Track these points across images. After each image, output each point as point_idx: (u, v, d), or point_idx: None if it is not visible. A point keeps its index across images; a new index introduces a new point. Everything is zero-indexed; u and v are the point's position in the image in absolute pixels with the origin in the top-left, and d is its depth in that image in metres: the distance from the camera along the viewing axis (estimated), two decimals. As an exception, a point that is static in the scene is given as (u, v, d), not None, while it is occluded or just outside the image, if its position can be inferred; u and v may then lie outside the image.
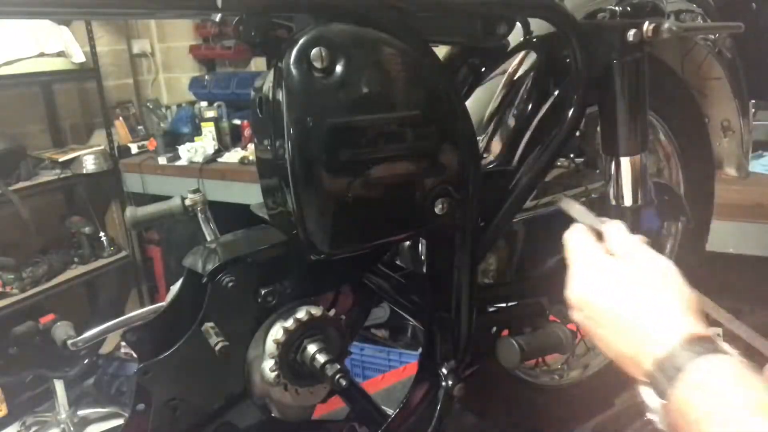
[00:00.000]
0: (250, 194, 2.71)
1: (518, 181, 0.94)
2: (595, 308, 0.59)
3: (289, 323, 0.80)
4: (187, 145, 3.23)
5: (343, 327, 0.85)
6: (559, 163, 1.14)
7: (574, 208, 0.71)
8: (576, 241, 0.65)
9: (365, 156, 0.74)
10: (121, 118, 3.54)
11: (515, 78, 0.96)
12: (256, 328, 0.81)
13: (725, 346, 0.49)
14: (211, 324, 0.76)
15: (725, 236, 1.34)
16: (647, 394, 0.52)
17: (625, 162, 1.00)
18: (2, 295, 2.86)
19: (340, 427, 0.97)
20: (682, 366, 0.48)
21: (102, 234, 3.37)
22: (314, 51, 0.68)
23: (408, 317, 1.06)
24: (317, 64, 0.68)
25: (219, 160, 3.20)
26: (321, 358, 0.79)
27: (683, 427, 0.47)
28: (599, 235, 0.65)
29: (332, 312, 0.89)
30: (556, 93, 0.96)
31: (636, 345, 0.53)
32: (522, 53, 0.97)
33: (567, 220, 0.72)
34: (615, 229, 0.63)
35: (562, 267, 0.69)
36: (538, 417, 1.15)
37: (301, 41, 0.68)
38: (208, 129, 3.29)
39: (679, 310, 0.53)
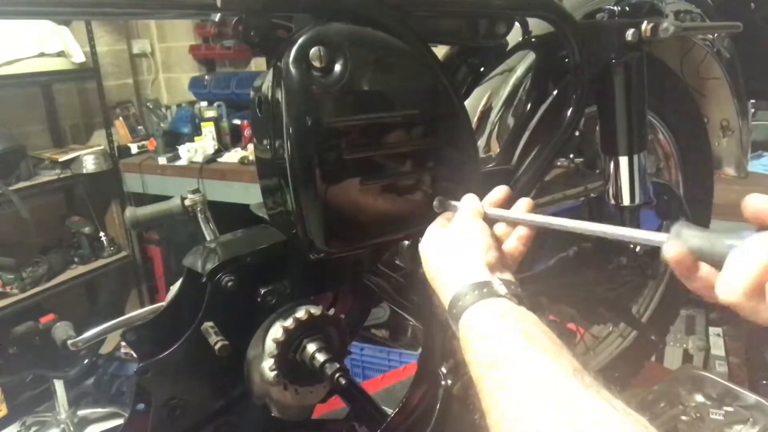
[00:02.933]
0: (250, 194, 2.71)
1: (517, 180, 0.94)
2: (426, 262, 0.71)
3: (289, 323, 0.80)
4: (187, 145, 3.23)
5: (343, 326, 0.85)
6: (558, 163, 1.14)
7: (449, 204, 0.78)
8: (432, 223, 0.76)
9: (364, 155, 0.74)
10: (121, 118, 3.54)
11: (514, 78, 0.96)
12: (255, 328, 0.82)
13: (501, 289, 0.60)
14: (210, 323, 0.76)
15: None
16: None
17: (624, 161, 1.00)
18: (2, 295, 2.86)
19: (340, 426, 0.97)
20: (463, 307, 0.60)
21: (102, 234, 3.36)
22: (313, 50, 0.68)
23: (408, 317, 1.06)
24: (316, 64, 0.69)
25: (219, 160, 3.19)
26: (320, 358, 0.79)
27: (465, 350, 0.58)
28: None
29: (332, 312, 0.89)
30: (555, 93, 0.96)
31: (443, 290, 0.65)
32: (521, 53, 0.97)
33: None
34: (461, 203, 0.74)
35: (560, 267, 0.69)
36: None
37: (300, 41, 0.68)
38: (208, 129, 3.29)
39: (471, 262, 0.64)
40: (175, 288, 0.81)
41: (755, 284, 0.43)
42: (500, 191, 0.73)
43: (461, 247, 0.67)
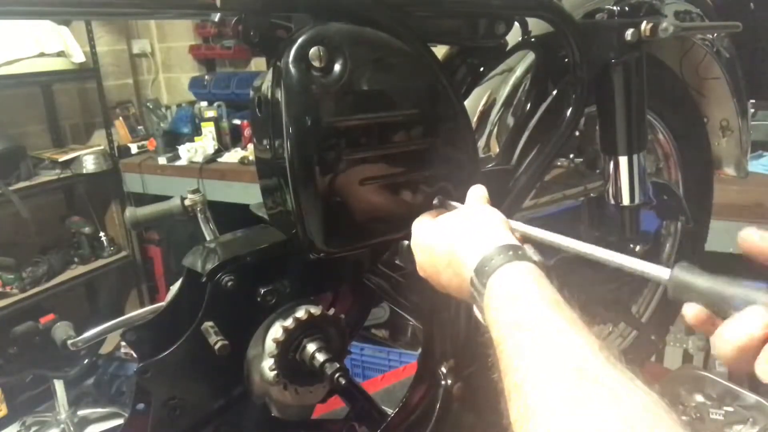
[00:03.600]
0: (249, 194, 2.71)
1: (517, 180, 0.94)
2: (430, 246, 0.69)
3: (289, 322, 0.80)
4: (187, 145, 3.23)
5: (343, 326, 0.85)
6: (558, 163, 1.14)
7: (449, 204, 0.78)
8: (418, 219, 0.75)
9: (364, 155, 0.74)
10: (121, 118, 3.54)
11: (514, 78, 0.96)
12: (255, 328, 0.82)
13: (532, 254, 0.58)
14: (210, 323, 0.76)
15: (725, 236, 1.35)
16: (476, 311, 0.60)
17: (624, 161, 1.00)
18: (2, 295, 2.86)
19: (339, 426, 0.97)
20: (495, 265, 0.57)
21: (102, 234, 3.36)
22: (313, 50, 0.68)
23: (408, 317, 1.06)
24: (316, 64, 0.69)
25: (219, 160, 3.19)
26: (320, 357, 0.79)
27: (488, 309, 0.55)
28: None
29: (332, 311, 0.89)
30: (555, 93, 0.96)
31: (462, 260, 0.62)
32: (520, 53, 0.97)
33: (566, 220, 0.72)
34: (471, 191, 0.73)
35: (560, 267, 0.69)
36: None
37: (299, 41, 0.68)
38: (208, 129, 3.29)
39: (497, 229, 0.63)
40: (175, 288, 0.81)
41: (742, 351, 0.45)
42: (479, 189, 0.73)
43: (482, 221, 0.65)
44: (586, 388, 0.43)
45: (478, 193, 0.72)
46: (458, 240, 0.65)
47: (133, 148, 3.49)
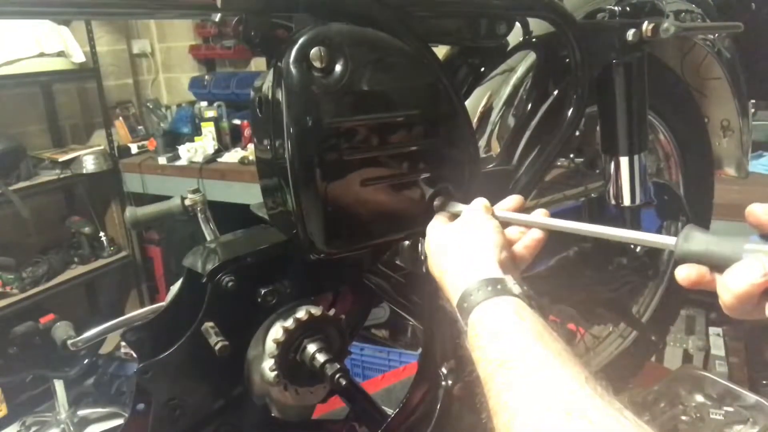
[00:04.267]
0: (250, 194, 2.71)
1: (518, 180, 0.94)
2: (433, 258, 0.71)
3: (289, 323, 0.80)
4: (187, 145, 3.23)
5: (343, 327, 0.85)
6: (558, 163, 1.14)
7: (454, 206, 0.79)
8: (434, 220, 0.77)
9: (365, 155, 0.74)
10: (121, 118, 3.54)
11: (515, 78, 0.96)
12: (255, 328, 0.81)
13: (515, 288, 0.59)
14: (210, 324, 0.76)
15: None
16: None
17: (625, 161, 1.00)
18: (2, 295, 2.86)
19: (340, 427, 0.97)
20: (474, 302, 0.58)
21: (102, 234, 3.36)
22: (313, 51, 0.68)
23: (408, 317, 1.06)
24: (317, 64, 0.69)
25: (219, 160, 3.19)
26: (321, 358, 0.79)
27: (474, 347, 0.57)
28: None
29: (332, 312, 0.89)
30: (556, 93, 0.96)
31: (452, 284, 0.64)
32: (521, 53, 0.97)
33: (566, 220, 0.72)
34: (473, 204, 0.73)
35: (560, 267, 0.69)
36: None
37: (300, 41, 0.68)
38: (208, 129, 3.29)
39: (484, 258, 0.63)
40: (175, 288, 0.81)
41: (743, 299, 0.46)
42: (513, 199, 0.73)
43: (474, 243, 0.66)
44: (574, 425, 0.43)
45: (481, 203, 0.72)
46: (447, 263, 0.67)
47: (133, 148, 3.49)
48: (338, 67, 0.70)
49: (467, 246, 0.66)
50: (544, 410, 0.46)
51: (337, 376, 0.78)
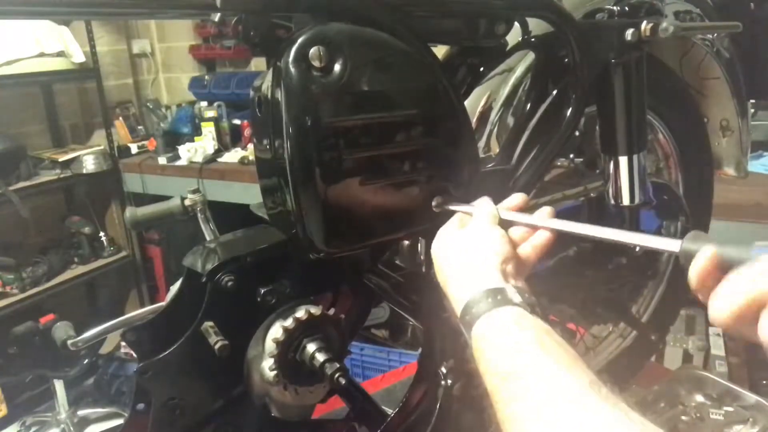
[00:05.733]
0: (249, 194, 2.71)
1: (517, 180, 0.94)
2: (438, 265, 0.70)
3: (289, 322, 0.80)
4: (187, 145, 3.23)
5: (343, 326, 0.85)
6: (558, 163, 1.14)
7: (449, 204, 0.79)
8: (446, 225, 0.76)
9: (364, 155, 0.74)
10: (121, 118, 3.54)
11: (514, 78, 0.96)
12: (255, 328, 0.82)
13: (515, 297, 0.59)
14: (210, 323, 0.76)
15: (725, 236, 1.35)
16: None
17: (624, 161, 1.00)
18: (2, 295, 2.86)
19: (340, 426, 0.97)
20: (476, 315, 0.59)
21: (102, 234, 3.37)
22: (313, 50, 0.68)
23: (408, 317, 1.06)
24: (316, 64, 0.69)
25: (219, 160, 3.19)
26: (320, 357, 0.79)
27: (479, 360, 0.57)
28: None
29: (332, 312, 0.89)
30: (555, 93, 0.96)
31: (456, 295, 0.64)
32: (521, 53, 0.97)
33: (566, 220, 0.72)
34: (479, 207, 0.74)
35: (560, 266, 0.69)
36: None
37: (299, 40, 0.68)
38: (208, 129, 3.29)
39: (486, 268, 0.63)
40: (175, 288, 0.81)
41: (740, 314, 0.45)
42: (518, 198, 0.73)
43: (477, 253, 0.65)
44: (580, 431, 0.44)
45: (486, 209, 0.71)
46: (455, 271, 0.67)
47: (133, 148, 3.49)
48: (337, 67, 0.70)
49: (470, 256, 0.66)
50: (551, 420, 0.46)
51: (337, 375, 0.78)
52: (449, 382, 0.93)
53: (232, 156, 3.17)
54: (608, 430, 0.43)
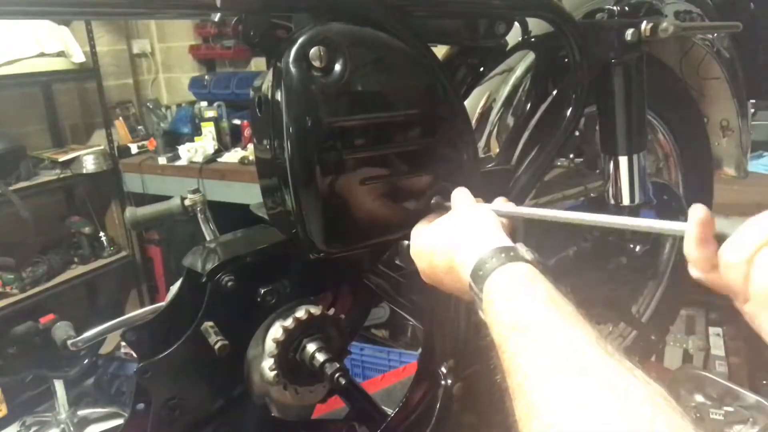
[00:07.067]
0: (249, 194, 2.71)
1: (517, 180, 0.94)
2: (428, 251, 0.71)
3: (289, 322, 0.80)
4: (187, 145, 3.23)
5: (343, 326, 0.85)
6: (558, 163, 1.14)
7: (447, 204, 0.78)
8: (416, 226, 0.77)
9: (364, 155, 0.74)
10: (121, 118, 3.54)
11: (514, 78, 0.96)
12: (255, 328, 0.82)
13: (527, 255, 0.60)
14: (210, 323, 0.76)
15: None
16: (480, 313, 0.62)
17: (624, 161, 1.00)
18: (2, 295, 2.86)
19: (340, 426, 0.97)
20: (490, 269, 0.59)
21: (102, 234, 3.36)
22: (313, 50, 0.68)
23: (408, 317, 1.06)
24: (316, 64, 0.69)
25: (219, 160, 3.19)
26: (320, 357, 0.79)
27: (488, 311, 0.57)
28: None
29: (332, 311, 0.89)
30: (555, 92, 0.96)
31: (461, 262, 0.64)
32: (520, 53, 0.97)
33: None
34: (456, 195, 0.75)
35: (560, 265, 0.69)
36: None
37: (300, 40, 0.68)
38: (208, 129, 3.29)
39: (491, 231, 0.65)
40: (175, 288, 0.81)
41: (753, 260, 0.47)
42: (499, 201, 0.74)
43: (474, 224, 0.67)
44: (586, 384, 0.44)
45: (463, 194, 0.74)
46: (453, 246, 0.67)
47: (133, 148, 3.49)
48: (338, 67, 0.70)
49: (470, 226, 0.67)
50: (555, 370, 0.47)
51: (337, 375, 0.78)
52: (449, 382, 0.93)
53: (232, 156, 3.17)
54: (612, 386, 0.43)
